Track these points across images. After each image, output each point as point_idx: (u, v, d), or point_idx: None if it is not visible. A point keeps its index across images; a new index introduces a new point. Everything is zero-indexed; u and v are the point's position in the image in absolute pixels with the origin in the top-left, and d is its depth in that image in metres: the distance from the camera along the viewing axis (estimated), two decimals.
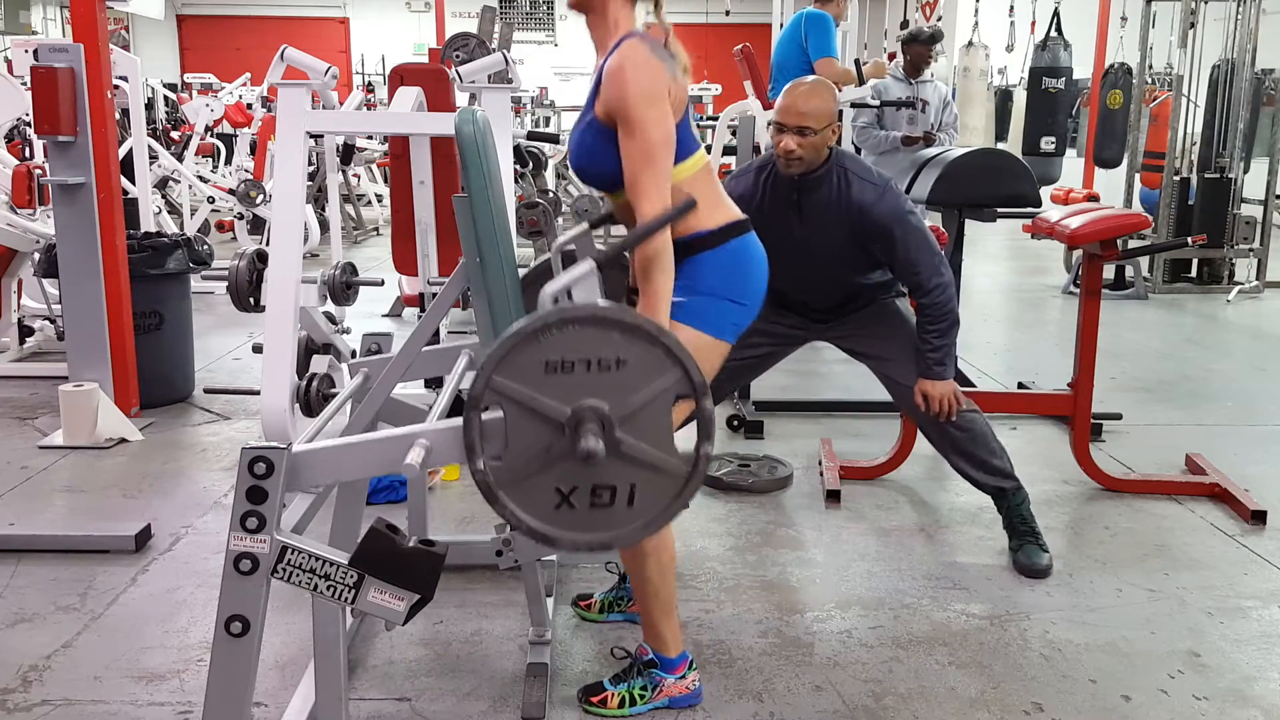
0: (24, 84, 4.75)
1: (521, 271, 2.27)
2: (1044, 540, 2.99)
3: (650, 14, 2.14)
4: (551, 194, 8.78)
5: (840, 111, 6.09)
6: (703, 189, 2.11)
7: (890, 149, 5.92)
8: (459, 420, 1.69)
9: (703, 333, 2.10)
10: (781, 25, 7.05)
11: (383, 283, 3.83)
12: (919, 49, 5.95)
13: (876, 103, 5.74)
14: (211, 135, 10.07)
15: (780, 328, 3.07)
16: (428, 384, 3.59)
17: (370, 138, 9.64)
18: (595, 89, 2.06)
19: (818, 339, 3.17)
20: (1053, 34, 8.86)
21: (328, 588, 1.69)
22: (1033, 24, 9.64)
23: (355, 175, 10.63)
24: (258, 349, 3.29)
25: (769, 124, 2.82)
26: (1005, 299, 7.53)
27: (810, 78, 2.83)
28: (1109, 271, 7.27)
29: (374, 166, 11.64)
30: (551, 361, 1.64)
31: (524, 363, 1.63)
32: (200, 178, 8.91)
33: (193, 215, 8.57)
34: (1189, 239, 3.58)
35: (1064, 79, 8.92)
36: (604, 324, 1.64)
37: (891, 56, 6.48)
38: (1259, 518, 3.29)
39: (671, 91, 2.01)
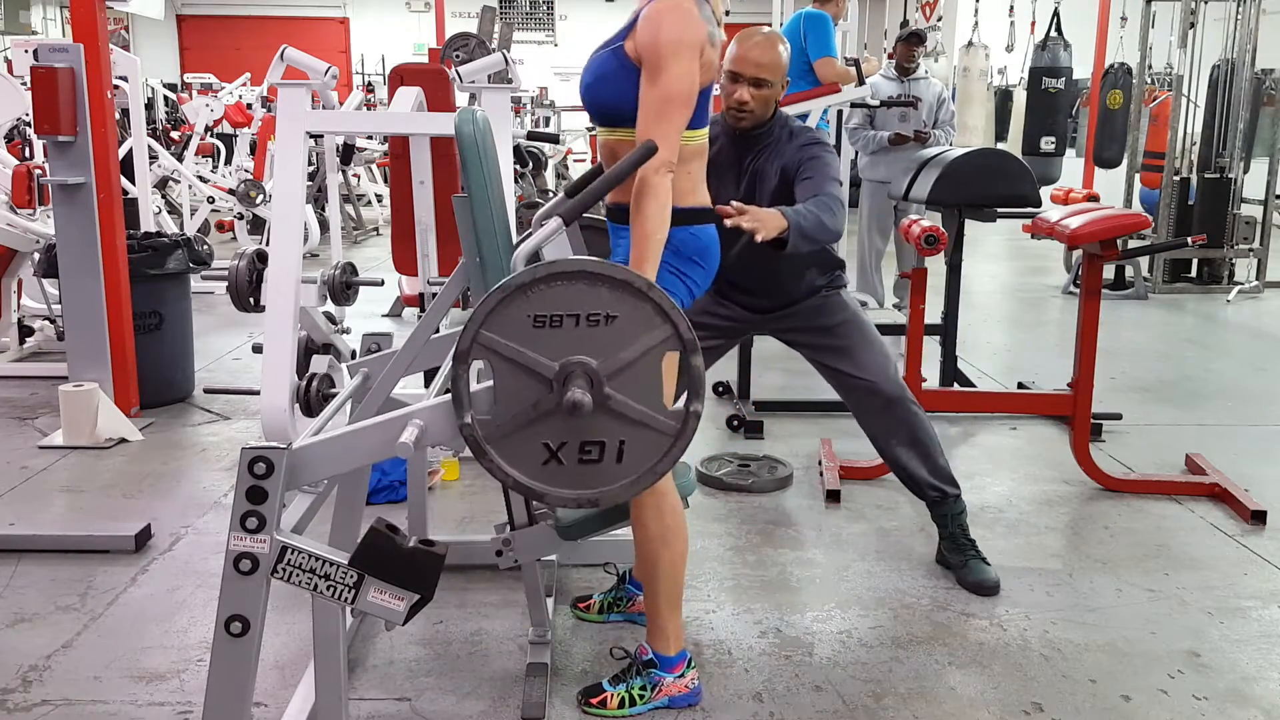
0: (24, 84, 4.75)
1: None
2: (984, 553, 2.91)
3: None
4: (551, 194, 8.79)
5: (840, 112, 6.16)
6: (692, 169, 2.13)
7: (880, 148, 5.97)
8: (449, 397, 1.68)
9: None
10: (781, 25, 7.05)
11: (383, 283, 3.82)
12: (901, 48, 6.08)
13: (876, 102, 5.76)
14: (211, 135, 10.06)
15: (717, 320, 2.91)
16: (428, 383, 3.59)
17: (370, 138, 9.64)
18: (629, 26, 2.05)
19: (759, 331, 3.06)
20: (1053, 34, 8.86)
21: (328, 588, 1.69)
22: (1033, 24, 9.63)
23: (355, 175, 10.63)
24: (258, 349, 3.29)
25: (722, 73, 2.67)
26: (1005, 299, 7.53)
27: (764, 27, 2.76)
28: (1109, 271, 7.27)
29: (374, 166, 11.64)
30: (539, 316, 1.63)
31: (512, 317, 1.63)
32: (200, 178, 8.91)
33: (193, 215, 8.57)
34: (1189, 239, 3.58)
35: (1064, 79, 8.91)
36: (592, 279, 1.63)
37: (891, 56, 6.52)
38: (1259, 518, 3.29)
39: (704, 53, 2.01)
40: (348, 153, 8.18)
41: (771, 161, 2.72)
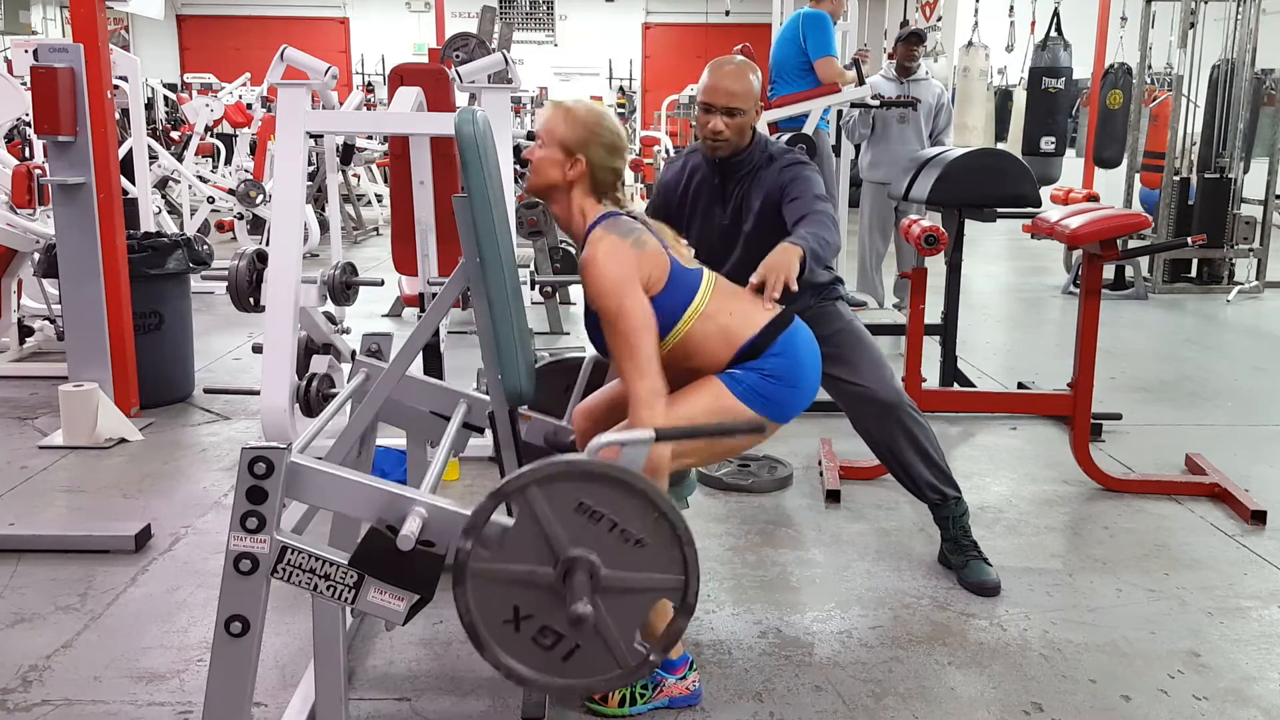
0: (24, 84, 4.75)
1: (523, 273, 2.28)
2: (985, 554, 2.91)
3: (605, 201, 2.19)
4: None
5: (840, 112, 6.18)
6: (728, 308, 2.18)
7: (867, 129, 6.10)
8: (455, 505, 1.72)
9: (764, 417, 2.16)
10: (781, 25, 7.06)
11: (383, 283, 3.83)
12: (901, 48, 6.15)
13: (877, 103, 5.77)
14: (211, 135, 10.07)
15: None
16: (427, 369, 3.58)
17: (370, 138, 9.63)
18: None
19: None
20: (1053, 34, 8.86)
21: (328, 588, 1.69)
22: (1033, 24, 9.63)
23: (355, 175, 10.63)
24: (258, 349, 3.30)
25: (695, 102, 2.72)
26: (1005, 299, 7.53)
27: (736, 57, 2.75)
28: (1109, 271, 7.27)
29: (374, 166, 11.64)
30: (586, 505, 1.68)
31: (564, 492, 1.67)
32: (200, 178, 8.91)
33: (193, 215, 8.57)
34: (1189, 239, 3.58)
35: (1064, 79, 8.91)
36: (650, 505, 1.68)
37: (891, 56, 6.55)
38: (1259, 518, 3.29)
39: (642, 268, 2.07)
40: (348, 153, 8.18)
41: (755, 189, 2.72)
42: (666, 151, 11.05)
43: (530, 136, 5.73)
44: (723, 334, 2.17)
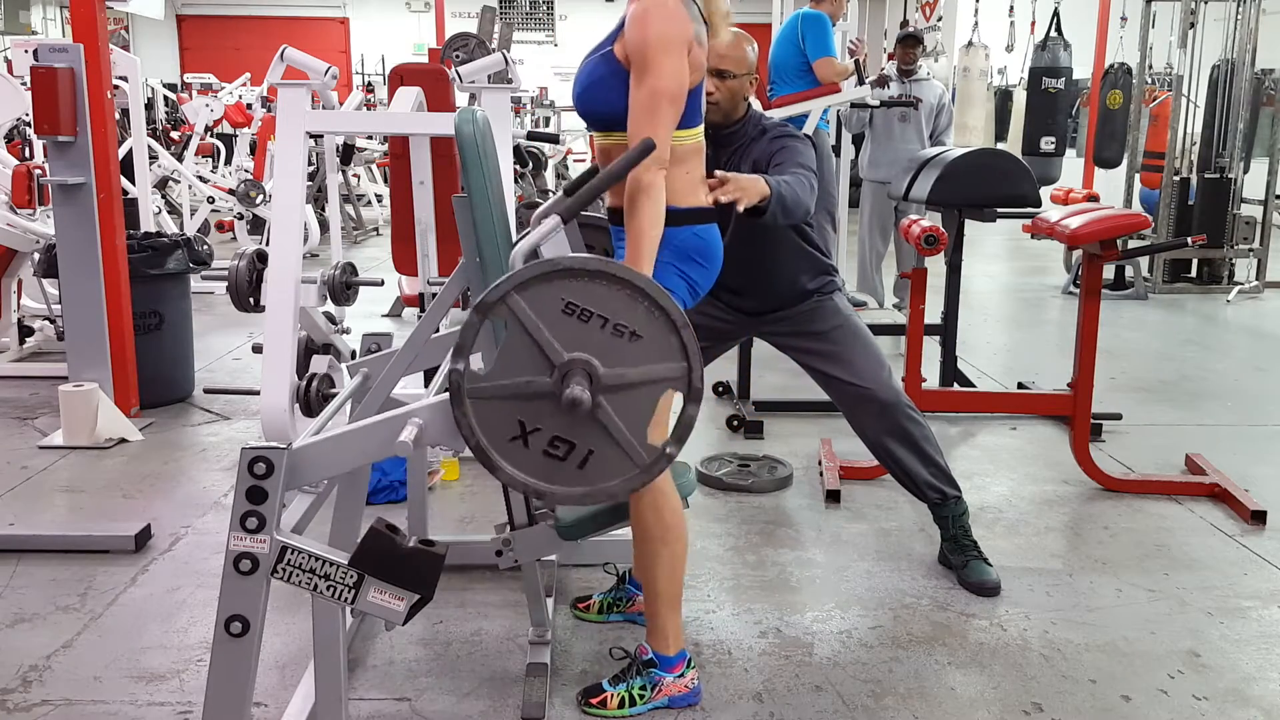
0: (24, 84, 4.75)
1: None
2: (985, 554, 2.90)
3: None
4: (551, 194, 8.80)
5: (839, 112, 6.19)
6: (690, 168, 2.13)
7: (865, 128, 6.17)
8: (448, 396, 1.67)
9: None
10: (780, 25, 7.06)
11: (383, 283, 3.83)
12: (899, 50, 6.21)
13: (876, 103, 5.77)
14: (211, 135, 10.06)
15: (707, 320, 2.84)
16: (428, 383, 3.59)
17: (370, 138, 9.63)
18: (618, 29, 2.06)
19: (750, 335, 3.06)
20: (1053, 34, 8.86)
21: (328, 588, 1.69)
22: (1033, 24, 9.63)
23: (355, 175, 10.63)
24: (258, 349, 3.29)
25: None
26: (1005, 299, 7.53)
27: (733, 28, 2.75)
28: (1109, 271, 7.27)
29: (374, 166, 11.64)
30: (573, 304, 1.62)
31: (548, 294, 1.62)
32: (200, 178, 8.91)
33: (193, 215, 8.57)
34: (1189, 239, 3.57)
35: (1064, 79, 8.91)
36: (636, 292, 1.63)
37: (891, 57, 6.59)
38: (1259, 518, 3.29)
39: (692, 51, 2.01)
40: (348, 153, 8.19)
41: (745, 161, 2.69)
42: None
43: (530, 137, 5.72)
44: (670, 181, 2.06)
